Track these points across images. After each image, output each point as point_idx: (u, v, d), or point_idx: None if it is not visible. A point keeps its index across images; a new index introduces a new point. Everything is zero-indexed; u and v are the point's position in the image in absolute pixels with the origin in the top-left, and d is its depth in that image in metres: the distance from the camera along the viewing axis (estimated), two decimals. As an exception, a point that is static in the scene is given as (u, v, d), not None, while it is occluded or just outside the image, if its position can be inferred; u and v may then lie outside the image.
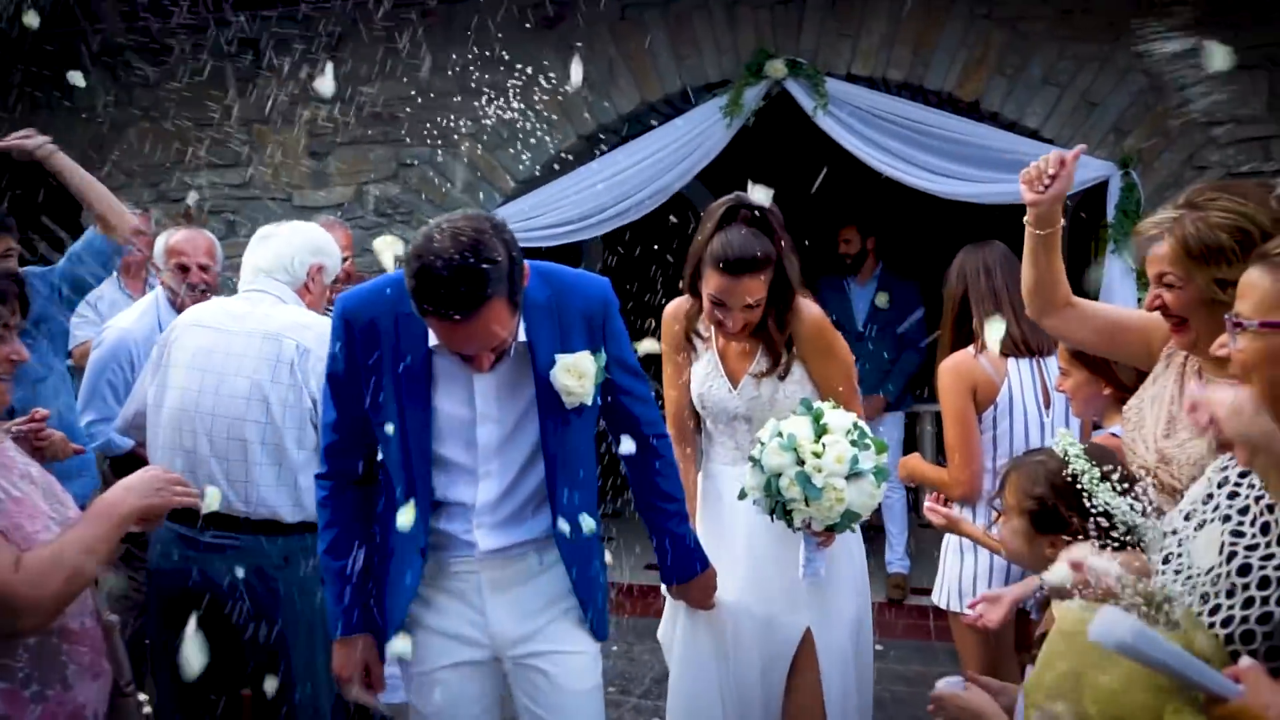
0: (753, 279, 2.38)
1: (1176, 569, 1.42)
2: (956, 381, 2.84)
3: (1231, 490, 1.42)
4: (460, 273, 1.76)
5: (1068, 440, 1.92)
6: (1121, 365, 2.42)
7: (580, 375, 2.01)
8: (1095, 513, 1.77)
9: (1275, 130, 4.32)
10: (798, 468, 2.27)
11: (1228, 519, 1.39)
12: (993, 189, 4.54)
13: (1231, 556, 1.35)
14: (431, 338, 1.96)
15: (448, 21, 5.08)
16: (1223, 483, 1.44)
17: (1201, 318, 1.85)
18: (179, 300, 3.45)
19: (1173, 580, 1.41)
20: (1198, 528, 1.43)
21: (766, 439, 2.34)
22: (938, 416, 3.12)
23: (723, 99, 4.81)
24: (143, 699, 1.80)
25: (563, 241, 5.11)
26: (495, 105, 5.13)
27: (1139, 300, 4.20)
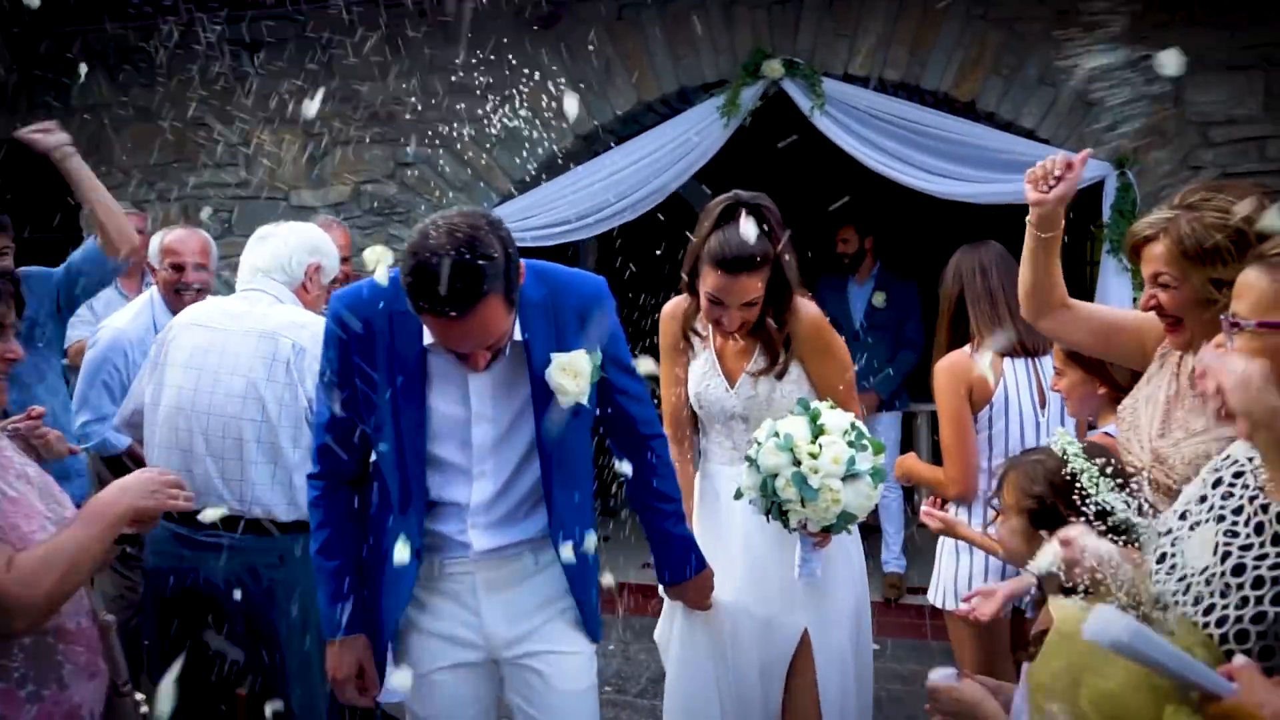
0: (750, 277, 2.37)
1: (1170, 569, 1.43)
2: (952, 381, 2.84)
3: (1226, 491, 1.42)
4: (456, 269, 1.74)
5: (1066, 439, 1.91)
6: (1116, 365, 2.43)
7: (576, 374, 1.99)
8: (1094, 511, 1.77)
9: (1271, 130, 4.33)
10: (794, 468, 2.25)
11: (1222, 519, 1.40)
12: (989, 189, 4.55)
13: (1226, 556, 1.36)
14: (427, 336, 1.94)
15: (445, 21, 5.08)
16: (1217, 483, 1.45)
17: (1197, 317, 1.86)
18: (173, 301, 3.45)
19: (1166, 580, 1.42)
20: (1192, 528, 1.43)
21: (763, 439, 2.33)
22: (934, 416, 3.12)
23: (720, 99, 4.81)
24: (140, 699, 1.79)
25: (559, 241, 5.11)
26: (492, 105, 5.13)
27: (1134, 300, 4.21)
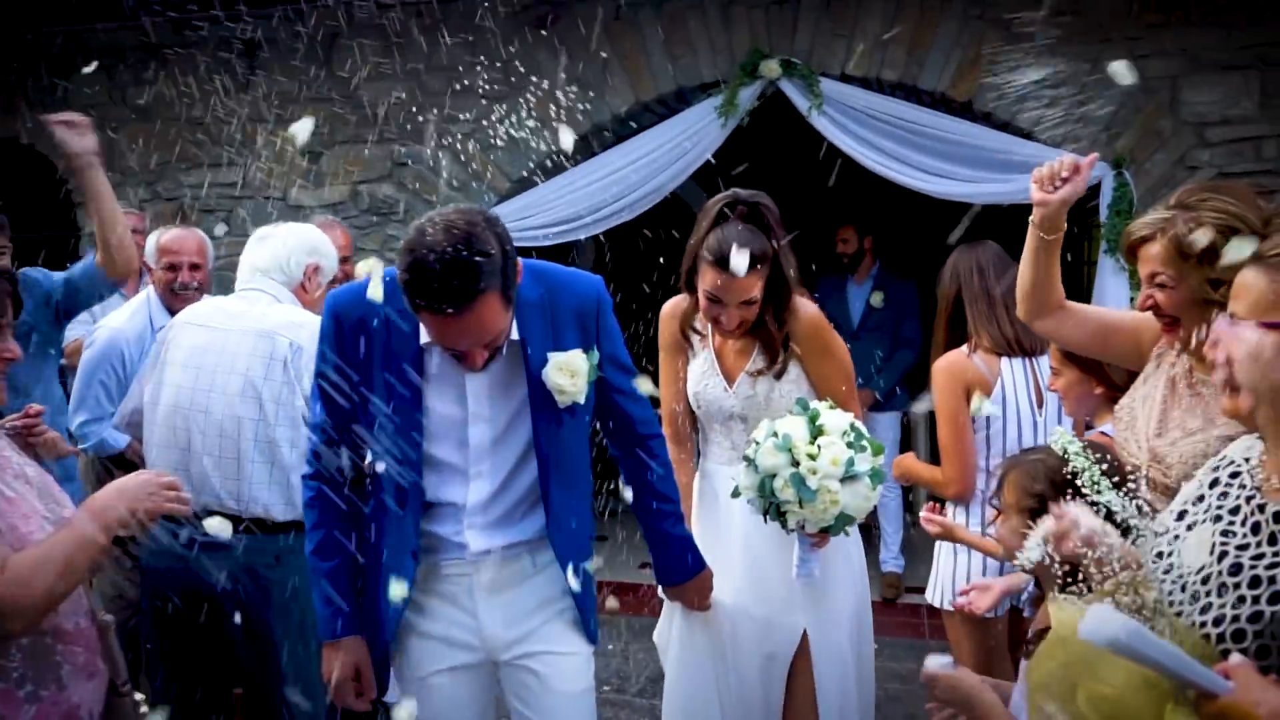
0: (748, 275, 2.36)
1: (1167, 568, 1.43)
2: (950, 381, 2.84)
3: (1222, 491, 1.43)
4: (452, 266, 1.73)
5: (1066, 438, 1.91)
6: (1113, 365, 2.43)
7: (573, 374, 1.98)
8: (1095, 510, 1.77)
9: (1266, 130, 4.34)
10: (792, 469, 2.24)
11: (1219, 519, 1.40)
12: (985, 189, 4.55)
13: (1222, 556, 1.35)
14: (423, 335, 1.93)
15: (442, 21, 5.08)
16: (1214, 483, 1.45)
17: (1193, 317, 1.86)
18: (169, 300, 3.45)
19: (1163, 579, 1.42)
20: (1189, 528, 1.44)
21: (761, 438, 2.31)
22: (931, 416, 3.13)
23: (718, 99, 4.82)
24: (139, 698, 1.79)
25: (557, 241, 5.11)
26: (490, 105, 5.13)
27: (1131, 300, 4.22)
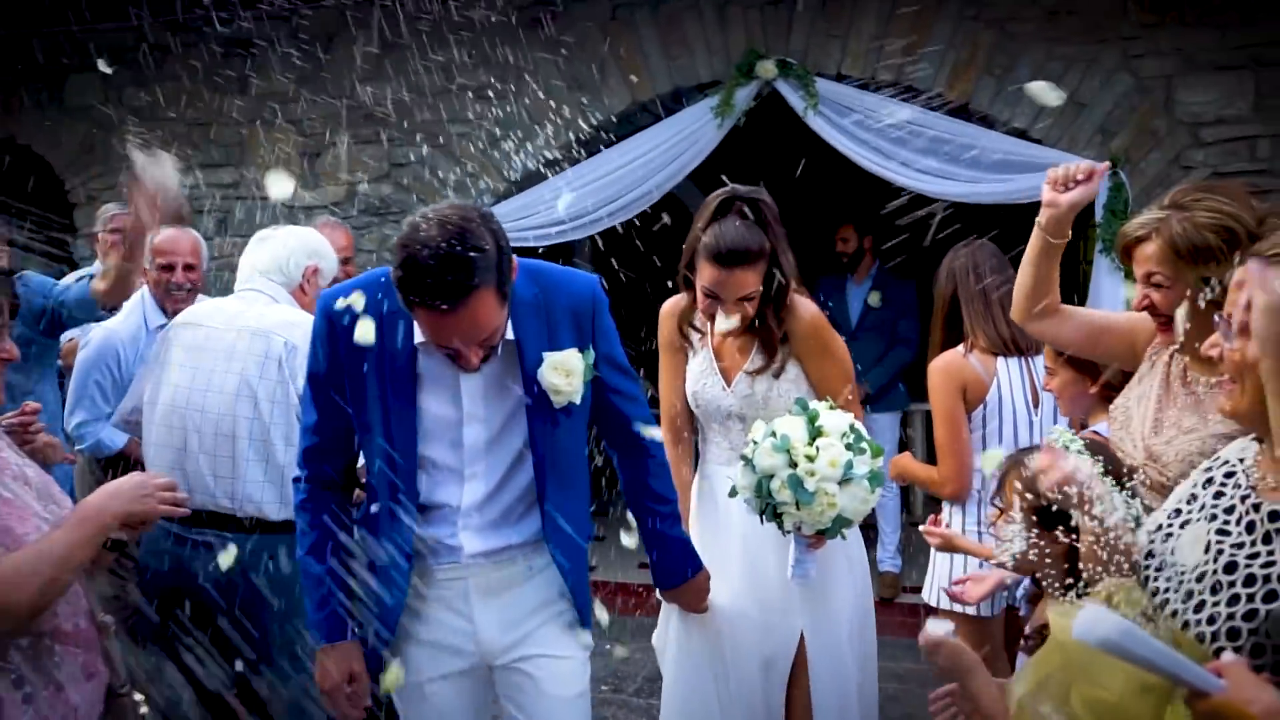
0: (746, 271, 2.36)
1: (1160, 565, 1.44)
2: (946, 381, 2.85)
3: (1217, 490, 1.43)
4: (447, 261, 1.71)
5: (1067, 437, 1.91)
6: (1107, 365, 2.44)
7: (569, 374, 1.96)
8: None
9: (1261, 130, 4.35)
10: (790, 470, 2.21)
11: (1214, 517, 1.40)
12: (982, 189, 4.57)
13: (1218, 555, 1.36)
14: (417, 334, 1.91)
15: (439, 21, 5.08)
16: (1208, 482, 1.45)
17: (1189, 316, 1.87)
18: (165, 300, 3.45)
19: (1157, 577, 1.43)
20: (1182, 526, 1.44)
21: (760, 438, 2.29)
22: (929, 416, 3.14)
23: (714, 99, 4.82)
24: (138, 699, 1.78)
25: (554, 241, 5.11)
26: (487, 105, 5.13)
27: (1126, 299, 4.23)
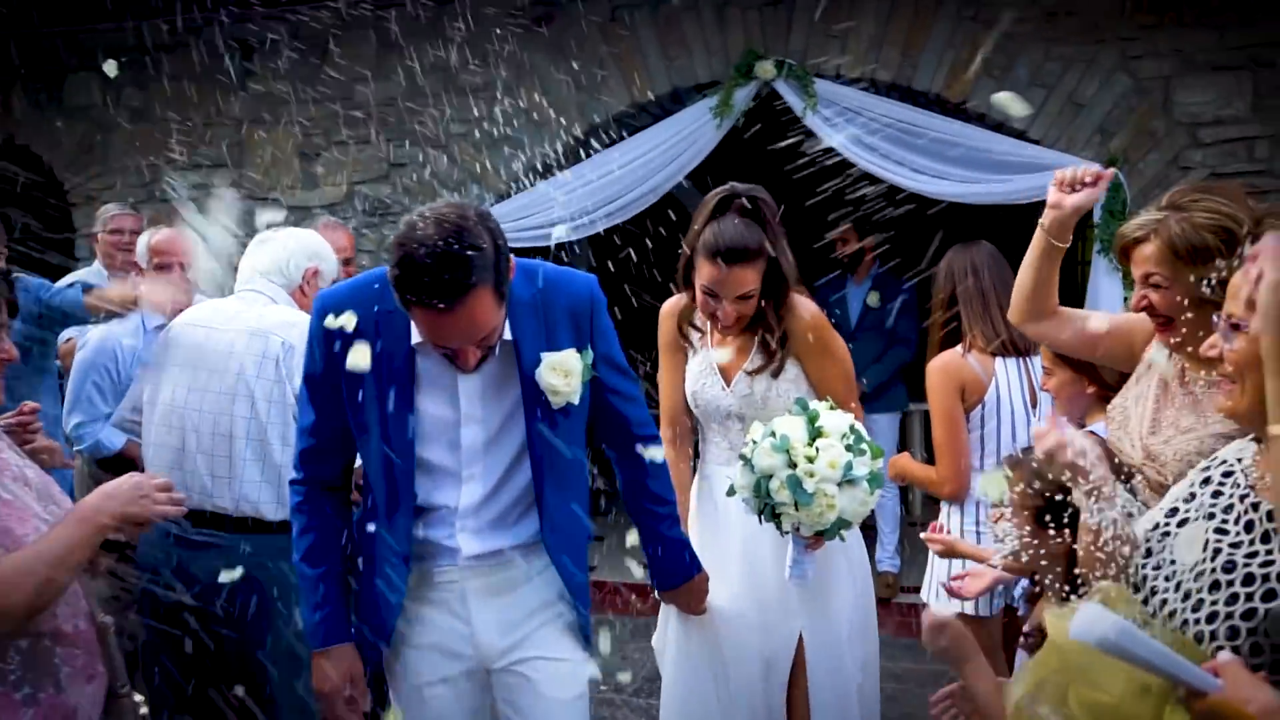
0: (745, 269, 2.35)
1: (1158, 564, 1.44)
2: (944, 381, 2.85)
3: (1215, 489, 1.43)
4: (444, 260, 1.70)
5: None
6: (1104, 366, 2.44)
7: (567, 374, 1.94)
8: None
9: (1259, 131, 4.36)
10: (789, 470, 2.20)
11: (1211, 516, 1.40)
12: (980, 189, 4.57)
13: (1216, 553, 1.36)
14: (414, 335, 1.89)
15: (437, 22, 5.08)
16: (1205, 481, 1.46)
17: (1187, 317, 1.87)
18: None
19: (1155, 575, 1.43)
20: (1180, 524, 1.44)
21: (759, 438, 2.28)
22: (927, 416, 3.14)
23: (713, 99, 4.82)
24: (138, 700, 1.78)
25: (552, 242, 5.11)
26: (486, 106, 5.13)
27: (1125, 300, 4.24)
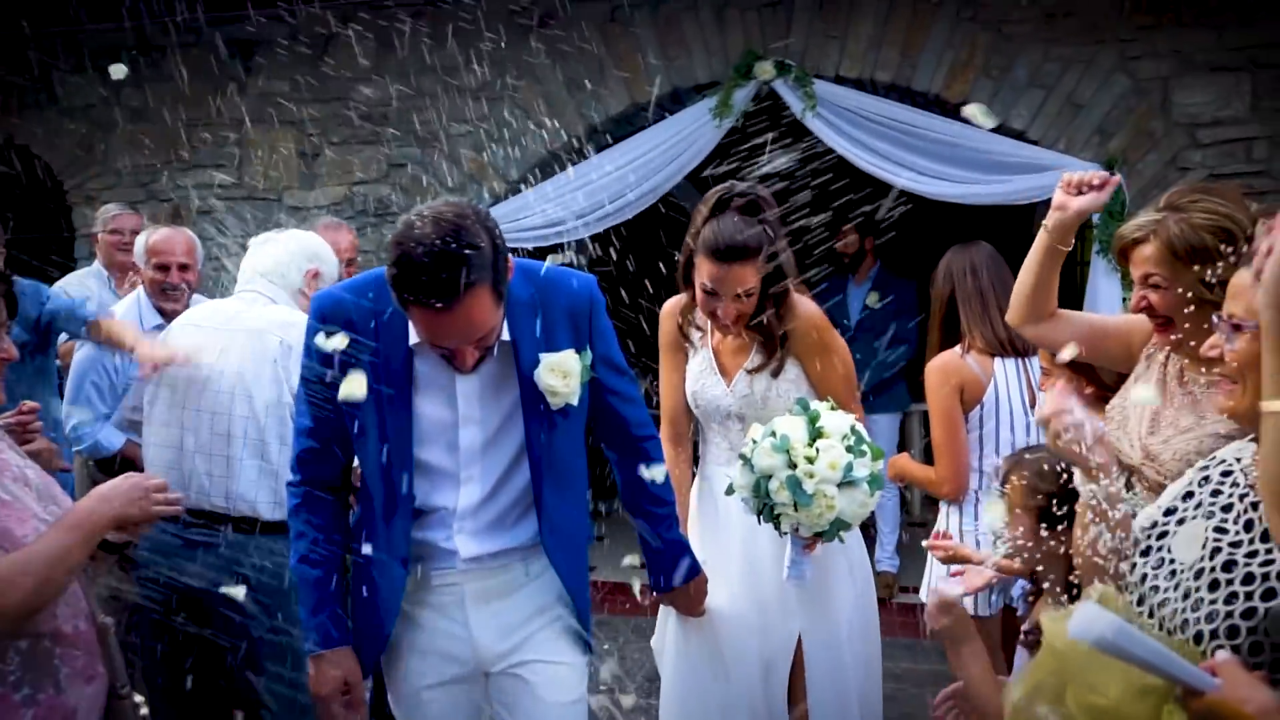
0: (744, 267, 2.34)
1: (1157, 563, 1.44)
2: (943, 381, 2.86)
3: (1214, 489, 1.43)
4: (441, 259, 1.69)
5: None
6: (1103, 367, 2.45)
7: (565, 375, 1.93)
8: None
9: (1258, 131, 4.36)
10: (789, 471, 2.19)
11: (1211, 515, 1.41)
12: (978, 189, 4.58)
13: (1216, 552, 1.36)
14: (412, 336, 1.88)
15: (437, 22, 5.08)
16: (1205, 480, 1.46)
17: (1186, 317, 1.88)
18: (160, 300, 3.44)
19: (1154, 574, 1.43)
20: (1178, 523, 1.45)
21: (759, 438, 2.28)
22: (927, 416, 3.14)
23: (712, 100, 4.83)
24: (139, 700, 1.78)
25: (552, 242, 5.11)
26: (485, 106, 5.13)
27: (1124, 300, 4.24)
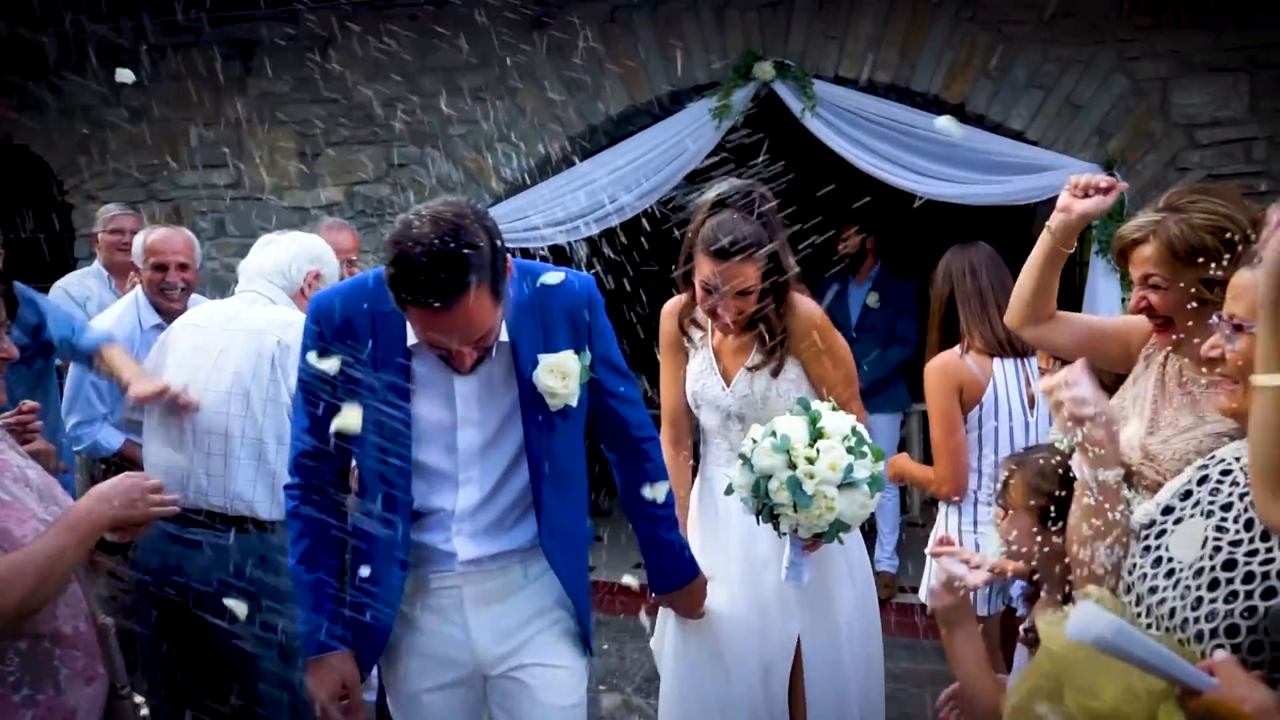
0: (744, 264, 2.34)
1: (1155, 562, 1.44)
2: (943, 381, 2.86)
3: (1214, 488, 1.44)
4: (440, 258, 1.68)
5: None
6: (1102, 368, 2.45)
7: (564, 376, 1.92)
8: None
9: (1256, 132, 4.36)
10: (789, 471, 2.19)
11: (1210, 514, 1.41)
12: (978, 190, 4.58)
13: (1216, 551, 1.36)
14: (410, 336, 1.87)
15: (437, 23, 5.08)
16: (1203, 479, 1.46)
17: (1186, 317, 1.88)
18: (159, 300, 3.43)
19: (1153, 573, 1.43)
20: (1176, 523, 1.45)
21: (760, 437, 2.27)
22: (926, 416, 3.15)
23: (712, 100, 4.83)
24: (139, 701, 1.77)
25: (551, 243, 5.12)
26: (485, 106, 5.14)
27: (1123, 301, 4.24)
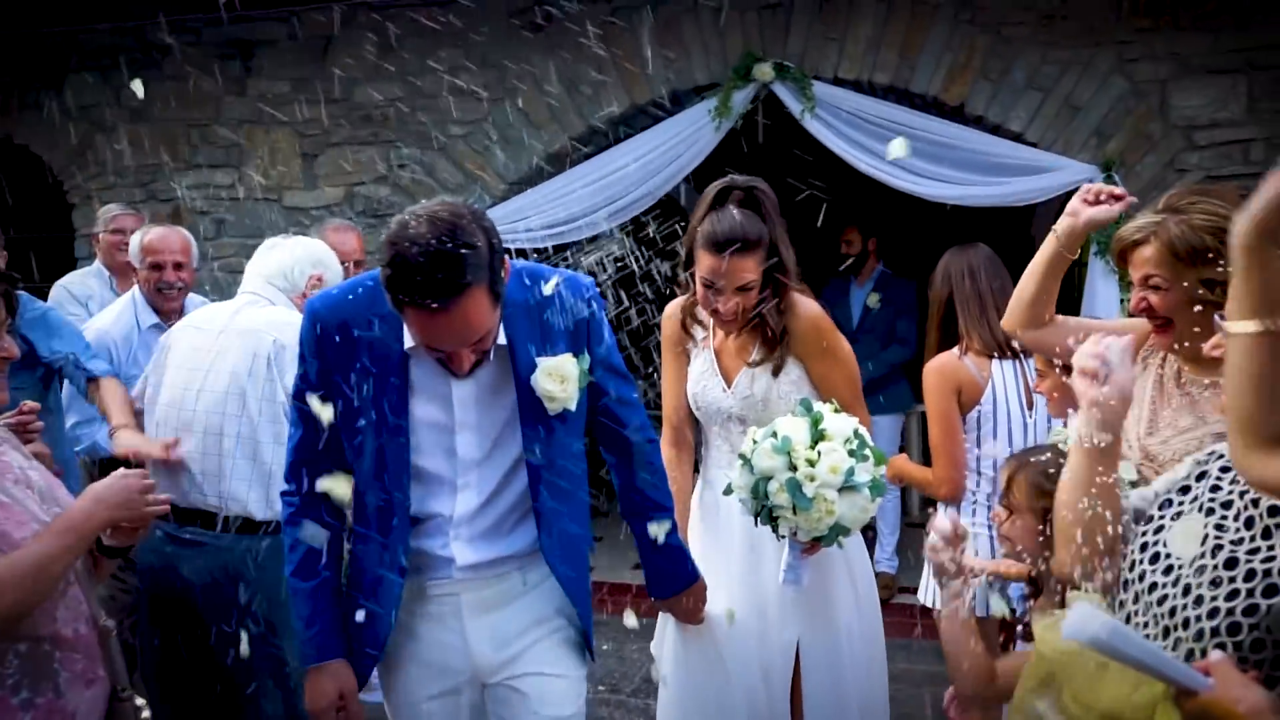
0: (744, 259, 2.33)
1: (1154, 557, 1.44)
2: (941, 382, 2.87)
3: (1213, 484, 1.43)
4: (437, 259, 1.65)
5: (1064, 435, 1.91)
6: None
7: (563, 379, 1.90)
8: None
9: (1255, 133, 4.37)
10: (789, 473, 2.17)
11: (1210, 511, 1.40)
12: (977, 191, 4.58)
13: (1216, 549, 1.37)
14: (408, 339, 1.84)
15: (437, 23, 5.09)
16: (1201, 475, 1.46)
17: (1186, 318, 1.89)
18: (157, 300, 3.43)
19: (1151, 569, 1.43)
20: (1174, 518, 1.45)
21: (760, 438, 2.25)
22: (925, 417, 3.15)
23: (712, 101, 4.83)
24: (140, 703, 1.77)
25: (551, 243, 5.12)
26: (485, 107, 5.14)
27: (1122, 302, 4.25)
